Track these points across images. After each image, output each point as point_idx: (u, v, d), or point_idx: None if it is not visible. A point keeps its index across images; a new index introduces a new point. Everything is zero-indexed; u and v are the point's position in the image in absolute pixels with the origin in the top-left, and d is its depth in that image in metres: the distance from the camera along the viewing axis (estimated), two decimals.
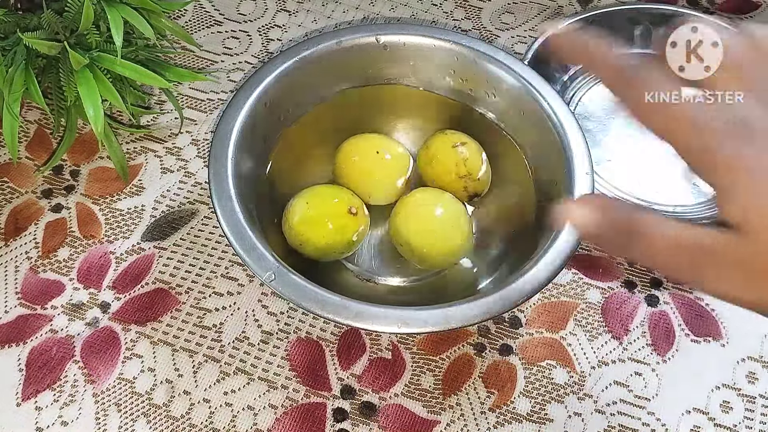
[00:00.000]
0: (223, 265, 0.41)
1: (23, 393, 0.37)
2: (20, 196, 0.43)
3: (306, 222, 0.38)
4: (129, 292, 0.40)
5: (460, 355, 0.39)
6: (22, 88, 0.37)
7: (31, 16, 0.38)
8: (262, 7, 0.54)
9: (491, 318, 0.34)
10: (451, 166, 0.40)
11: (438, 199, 0.40)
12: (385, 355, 0.38)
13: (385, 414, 0.37)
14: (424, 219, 0.39)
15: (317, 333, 0.39)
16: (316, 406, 0.37)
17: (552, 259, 0.34)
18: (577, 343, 0.39)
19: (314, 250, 0.38)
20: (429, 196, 0.40)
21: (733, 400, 0.38)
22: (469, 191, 0.40)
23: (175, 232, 0.42)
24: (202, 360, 0.38)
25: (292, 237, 0.38)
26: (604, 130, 0.48)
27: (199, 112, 0.48)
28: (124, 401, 0.37)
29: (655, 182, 0.46)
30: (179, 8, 0.52)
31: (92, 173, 0.45)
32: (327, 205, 0.39)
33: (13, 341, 0.38)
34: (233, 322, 0.39)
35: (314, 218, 0.38)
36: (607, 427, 0.37)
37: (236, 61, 0.51)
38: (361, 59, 0.43)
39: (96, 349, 0.38)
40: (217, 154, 0.36)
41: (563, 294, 0.41)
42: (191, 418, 0.36)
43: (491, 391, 0.38)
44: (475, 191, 0.41)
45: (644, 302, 0.41)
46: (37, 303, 0.39)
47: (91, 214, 0.43)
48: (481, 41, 0.42)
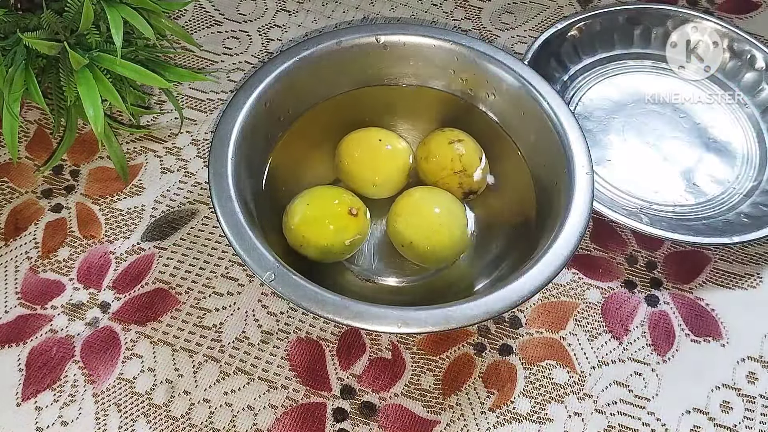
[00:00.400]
0: (223, 265, 0.41)
1: (23, 393, 0.37)
2: (20, 196, 0.43)
3: (306, 223, 0.38)
4: (129, 292, 0.40)
5: (460, 355, 0.39)
6: (22, 88, 0.37)
7: (31, 16, 0.38)
8: (262, 7, 0.54)
9: (491, 318, 0.34)
10: (446, 162, 0.40)
11: (435, 197, 0.40)
12: (385, 355, 0.38)
13: (385, 414, 0.37)
14: (425, 219, 0.39)
15: (317, 333, 0.39)
16: (316, 406, 0.37)
17: (552, 259, 0.34)
18: (577, 343, 0.39)
19: (315, 251, 0.38)
20: (427, 194, 0.40)
21: (733, 400, 0.38)
22: (464, 188, 0.40)
23: (175, 232, 0.42)
24: (202, 360, 0.38)
25: (293, 238, 0.38)
26: (604, 130, 0.48)
27: (199, 112, 0.48)
28: (124, 401, 0.37)
29: (654, 182, 0.46)
30: (179, 8, 0.52)
31: (92, 173, 0.45)
32: (328, 206, 0.39)
33: (13, 341, 0.38)
34: (233, 322, 0.39)
35: (315, 219, 0.38)
36: (607, 427, 0.37)
37: (236, 61, 0.51)
38: (361, 59, 0.43)
39: (96, 349, 0.38)
40: (217, 154, 0.36)
41: (563, 294, 0.41)
42: (191, 418, 0.36)
43: (491, 391, 0.38)
44: (470, 188, 0.41)
45: (644, 302, 0.41)
46: (37, 303, 0.39)
47: (91, 214, 0.43)
48: (481, 41, 0.42)
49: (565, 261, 0.34)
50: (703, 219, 0.44)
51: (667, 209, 0.44)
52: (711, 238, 0.41)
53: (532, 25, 0.54)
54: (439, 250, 0.38)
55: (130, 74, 0.39)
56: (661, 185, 0.46)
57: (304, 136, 0.43)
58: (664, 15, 0.52)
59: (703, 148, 0.48)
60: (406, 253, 0.39)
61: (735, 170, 0.47)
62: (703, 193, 0.45)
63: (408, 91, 0.44)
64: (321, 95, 0.43)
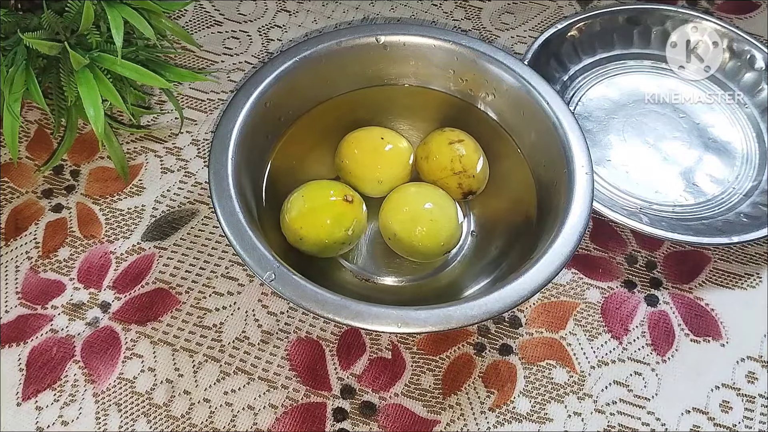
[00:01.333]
0: (223, 265, 0.41)
1: (23, 393, 0.37)
2: (20, 196, 0.43)
3: (304, 216, 0.38)
4: (129, 292, 0.40)
5: (460, 354, 0.39)
6: (22, 88, 0.37)
7: (31, 17, 0.38)
8: (262, 7, 0.54)
9: (491, 318, 0.34)
10: (446, 162, 0.40)
11: (425, 192, 0.40)
12: (385, 355, 0.39)
13: (385, 413, 0.37)
14: (410, 212, 0.39)
15: (317, 333, 0.39)
16: (316, 406, 0.37)
17: (552, 259, 0.34)
18: (576, 343, 0.39)
19: (314, 245, 0.38)
20: (416, 190, 0.40)
21: (732, 400, 0.38)
22: (463, 188, 0.41)
23: (175, 232, 0.42)
24: (202, 360, 0.38)
25: (291, 233, 0.38)
26: (604, 130, 0.48)
27: (199, 112, 0.48)
28: (125, 401, 0.37)
29: (654, 182, 0.46)
30: (179, 8, 0.52)
31: (92, 173, 0.45)
32: (323, 196, 0.39)
33: (13, 341, 0.38)
34: (233, 321, 0.39)
35: (311, 211, 0.38)
36: (606, 427, 0.37)
37: (236, 61, 0.51)
38: (361, 59, 0.43)
39: (96, 349, 0.38)
40: (217, 154, 0.36)
41: (563, 294, 0.41)
42: (191, 417, 0.36)
43: (491, 391, 0.38)
44: (470, 188, 0.41)
45: (644, 302, 0.41)
46: (37, 303, 0.39)
47: (91, 214, 0.43)
48: (481, 41, 0.42)
49: (565, 261, 0.34)
50: (703, 219, 0.44)
51: (667, 209, 0.44)
52: (711, 238, 0.41)
53: (532, 26, 0.54)
54: (423, 243, 0.38)
55: (131, 74, 0.39)
56: (660, 185, 0.46)
57: (304, 136, 0.43)
58: (663, 15, 0.52)
59: (702, 148, 0.48)
60: (392, 245, 0.39)
61: (735, 170, 0.47)
62: (703, 193, 0.45)
63: (408, 91, 0.45)
64: (321, 95, 0.43)
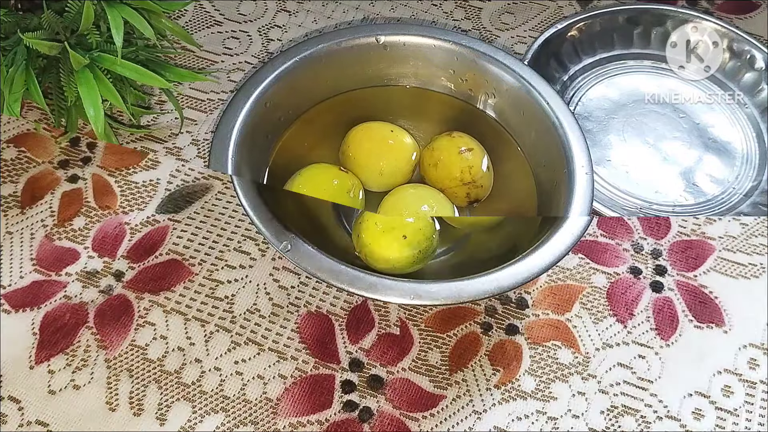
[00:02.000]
0: (235, 239, 0.42)
1: (36, 356, 0.37)
2: (37, 166, 0.44)
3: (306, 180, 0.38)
4: (143, 262, 0.41)
5: (467, 333, 0.39)
6: (22, 88, 0.37)
7: (31, 17, 0.38)
8: (262, 7, 0.55)
9: (502, 292, 0.34)
10: (456, 172, 0.40)
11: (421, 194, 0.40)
12: (393, 331, 0.39)
13: (392, 387, 0.37)
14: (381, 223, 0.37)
15: (327, 307, 0.40)
16: (324, 378, 0.37)
17: (561, 238, 0.35)
18: (582, 326, 0.40)
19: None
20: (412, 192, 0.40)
21: (734, 385, 0.38)
22: (470, 197, 0.41)
23: (189, 206, 0.43)
24: (213, 329, 0.38)
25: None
26: (604, 130, 0.49)
27: (199, 112, 0.48)
28: (136, 367, 0.37)
29: (654, 182, 0.46)
30: (179, 8, 0.53)
31: (109, 146, 0.45)
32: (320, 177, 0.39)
33: (27, 306, 0.39)
34: (245, 294, 0.40)
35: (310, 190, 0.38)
36: (609, 407, 0.37)
37: (236, 61, 0.51)
38: (361, 59, 0.43)
39: (109, 316, 0.39)
40: (217, 154, 0.36)
41: (570, 278, 0.42)
42: (202, 385, 0.37)
43: (497, 369, 0.38)
44: (476, 197, 0.41)
45: (649, 288, 0.42)
46: (51, 269, 0.40)
47: (106, 185, 0.43)
48: (481, 41, 0.42)
49: (574, 241, 0.34)
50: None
51: (667, 209, 0.45)
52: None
53: (532, 26, 0.55)
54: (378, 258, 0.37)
55: (131, 74, 0.38)
56: (660, 185, 0.46)
57: (304, 136, 0.43)
58: (663, 15, 0.52)
59: (702, 148, 0.48)
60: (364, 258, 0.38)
61: (735, 170, 0.47)
62: (703, 193, 0.46)
63: (408, 91, 0.45)
64: (321, 95, 0.43)
